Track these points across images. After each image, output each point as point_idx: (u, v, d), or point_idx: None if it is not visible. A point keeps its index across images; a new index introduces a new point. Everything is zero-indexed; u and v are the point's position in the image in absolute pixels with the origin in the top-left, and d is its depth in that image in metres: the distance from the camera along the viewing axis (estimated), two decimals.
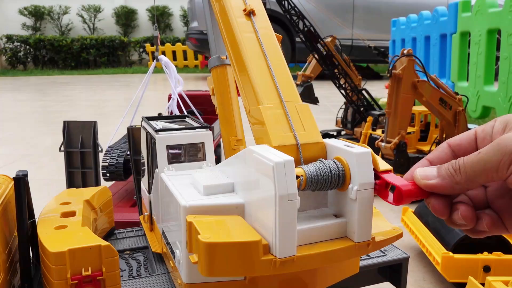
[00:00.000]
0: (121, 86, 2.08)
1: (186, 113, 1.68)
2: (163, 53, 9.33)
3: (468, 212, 0.49)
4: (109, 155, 1.63)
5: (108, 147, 1.70)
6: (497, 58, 3.07)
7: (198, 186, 0.66)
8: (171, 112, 1.89)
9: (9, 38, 11.03)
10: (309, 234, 0.55)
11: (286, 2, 2.64)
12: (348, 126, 2.99)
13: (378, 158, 0.56)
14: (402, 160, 2.21)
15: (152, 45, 9.22)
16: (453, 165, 0.49)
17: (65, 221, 0.81)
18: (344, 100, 2.96)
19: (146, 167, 0.95)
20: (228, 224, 0.56)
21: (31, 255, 0.82)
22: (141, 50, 11.39)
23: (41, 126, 4.07)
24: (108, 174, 1.60)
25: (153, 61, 1.80)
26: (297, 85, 3.14)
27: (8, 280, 0.74)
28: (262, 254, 0.51)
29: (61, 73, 10.04)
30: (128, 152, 1.65)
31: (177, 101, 1.80)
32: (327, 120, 3.86)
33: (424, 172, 0.50)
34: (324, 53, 2.74)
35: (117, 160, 1.61)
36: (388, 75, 2.16)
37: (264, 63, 0.69)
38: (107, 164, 1.60)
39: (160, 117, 0.97)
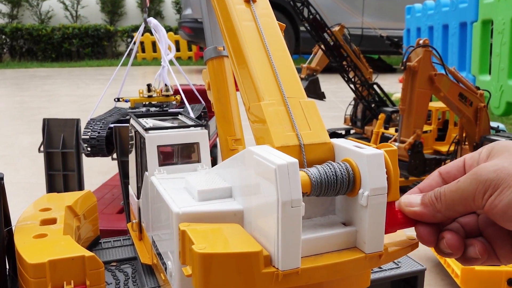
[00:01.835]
0: (107, 80, 2.08)
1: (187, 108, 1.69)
2: (153, 43, 9.34)
3: (453, 240, 0.53)
4: (91, 128, 1.63)
5: (90, 119, 1.70)
6: None
7: (192, 191, 0.66)
8: (164, 87, 1.90)
9: None
10: (315, 244, 0.55)
11: None
12: (358, 124, 2.99)
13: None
14: (417, 162, 2.21)
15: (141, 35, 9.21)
16: (435, 193, 0.53)
17: (45, 229, 0.81)
18: (353, 95, 2.96)
19: (134, 170, 0.95)
20: (225, 233, 0.56)
21: (7, 267, 0.82)
22: (129, 40, 11.40)
23: (18, 124, 4.07)
24: (89, 149, 1.60)
25: (142, 51, 1.81)
26: (302, 79, 3.14)
27: None
28: (263, 267, 0.51)
29: (41, 66, 10.04)
30: (112, 125, 1.66)
31: (168, 70, 1.81)
32: (335, 117, 3.86)
33: (408, 200, 0.55)
34: (332, 43, 2.74)
35: (99, 133, 1.61)
36: (402, 67, 2.16)
37: (265, 54, 0.69)
38: (88, 137, 1.60)
39: (150, 115, 0.97)
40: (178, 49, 9.98)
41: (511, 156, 0.50)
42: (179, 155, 0.84)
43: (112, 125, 1.69)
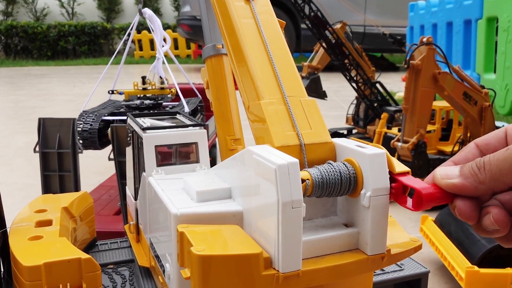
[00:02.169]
0: (104, 79, 2.09)
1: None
2: (151, 41, 9.34)
3: (501, 215, 0.48)
4: (83, 120, 1.64)
5: (83, 111, 1.70)
6: None
7: (190, 192, 0.66)
8: (159, 80, 1.90)
9: None
10: (316, 246, 0.55)
11: None
12: (360, 124, 2.99)
13: (394, 159, 0.56)
14: (421, 162, 2.21)
15: (138, 32, 9.22)
16: (477, 163, 0.49)
17: (40, 231, 0.81)
18: (355, 94, 2.96)
19: (132, 170, 0.95)
20: (225, 234, 0.56)
21: (1, 269, 0.82)
22: (127, 38, 11.39)
23: (13, 123, 4.07)
24: (81, 141, 1.60)
25: (139, 49, 1.82)
26: (303, 78, 3.15)
27: None
28: (263, 269, 0.51)
29: (36, 64, 10.04)
30: (106, 118, 1.67)
31: (163, 61, 1.81)
32: (337, 117, 3.87)
33: (445, 171, 0.50)
34: (333, 41, 2.74)
35: (91, 125, 1.61)
36: (405, 66, 2.16)
37: (265, 52, 0.69)
38: (80, 129, 1.60)
39: (148, 114, 0.97)
40: (176, 47, 9.98)
41: None
42: (177, 155, 0.85)
43: (105, 118, 1.70)
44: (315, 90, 3.15)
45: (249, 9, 0.74)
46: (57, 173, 1.49)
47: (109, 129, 1.62)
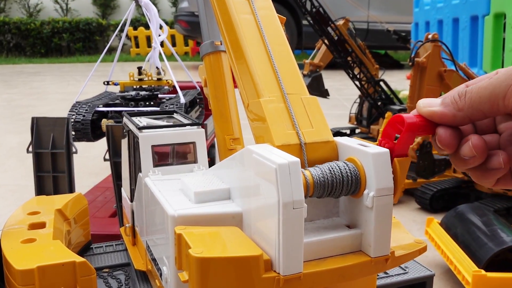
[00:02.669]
0: (99, 77, 2.09)
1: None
2: (147, 38, 9.34)
3: (480, 141, 0.50)
4: (75, 111, 1.64)
5: (76, 102, 1.71)
6: None
7: (188, 193, 0.66)
8: (156, 70, 1.90)
9: None
10: (318, 247, 0.55)
11: None
12: (364, 123, 2.99)
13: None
14: (426, 163, 2.21)
15: (135, 29, 9.21)
16: (459, 91, 0.51)
17: (33, 234, 0.81)
18: (358, 93, 2.96)
19: (128, 171, 0.95)
20: (224, 236, 0.56)
21: None
22: (122, 34, 11.39)
23: (6, 123, 4.07)
24: (73, 133, 1.61)
25: (136, 46, 1.83)
26: (304, 76, 3.15)
27: None
28: (264, 271, 0.51)
29: (29, 62, 10.04)
30: (100, 109, 1.67)
31: (159, 52, 1.81)
32: (339, 116, 3.87)
33: (427, 101, 0.53)
34: (336, 38, 2.74)
35: (84, 116, 1.62)
36: (410, 63, 2.16)
37: (264, 49, 0.69)
38: (72, 120, 1.61)
39: (144, 113, 0.97)
40: (174, 44, 9.97)
41: None
42: (174, 155, 0.85)
43: (99, 109, 1.70)
44: (317, 88, 3.15)
45: (248, 5, 0.74)
46: (51, 174, 1.49)
47: (103, 120, 1.63)
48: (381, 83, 2.85)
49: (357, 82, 2.83)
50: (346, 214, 0.60)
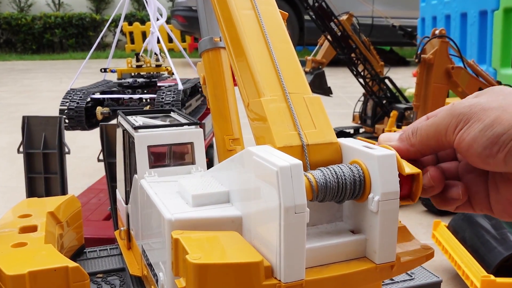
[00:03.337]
0: (93, 74, 2.09)
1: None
2: (143, 33, 9.34)
3: (437, 173, 0.57)
4: (69, 98, 1.64)
5: (70, 89, 1.71)
6: None
7: (186, 196, 0.66)
8: (154, 57, 1.90)
9: None
10: (320, 253, 0.55)
11: None
12: (368, 123, 2.99)
13: (403, 160, 0.56)
14: None
15: (130, 24, 9.21)
16: (412, 129, 0.59)
17: (24, 238, 0.81)
18: (362, 91, 2.96)
19: (123, 172, 0.95)
20: (223, 241, 0.56)
21: None
22: (116, 30, 11.40)
23: None
24: (67, 121, 1.61)
25: (131, 42, 1.83)
26: (306, 73, 3.14)
27: None
28: (264, 278, 0.51)
29: (20, 58, 10.04)
30: (95, 96, 1.68)
31: (158, 38, 1.81)
32: (342, 115, 3.87)
33: (387, 135, 0.61)
34: (339, 33, 2.74)
35: (78, 103, 1.62)
36: (416, 60, 2.16)
37: (265, 46, 0.69)
38: (65, 107, 1.61)
39: (140, 112, 0.97)
40: (170, 40, 9.98)
41: (493, 95, 0.54)
42: (171, 156, 0.85)
43: (94, 96, 1.70)
44: (320, 86, 3.15)
45: (249, 0, 0.74)
46: (43, 175, 1.49)
47: (98, 108, 1.62)
48: (386, 80, 2.85)
49: (361, 80, 2.82)
50: (350, 219, 0.60)
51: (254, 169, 0.55)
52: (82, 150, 2.96)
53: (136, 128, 0.82)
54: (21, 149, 1.48)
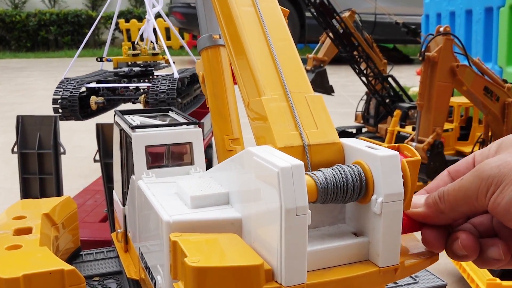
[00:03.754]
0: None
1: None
2: (139, 30, 9.34)
3: (469, 240, 0.54)
4: (63, 87, 1.64)
5: (64, 78, 1.70)
6: None
7: (184, 197, 0.66)
8: (150, 45, 1.90)
9: None
10: (322, 256, 0.55)
11: None
12: (371, 122, 2.99)
13: None
14: (437, 164, 2.21)
15: (127, 21, 9.21)
16: (439, 193, 0.55)
17: (19, 240, 0.81)
18: (365, 89, 2.96)
19: (120, 173, 0.95)
20: (222, 244, 0.56)
21: None
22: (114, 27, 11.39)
23: None
24: (60, 110, 1.61)
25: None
26: (307, 71, 3.15)
27: None
28: (264, 282, 0.51)
29: (14, 56, 10.04)
30: (90, 85, 1.67)
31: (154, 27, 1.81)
32: (345, 114, 3.87)
33: (412, 201, 0.57)
34: (341, 31, 2.74)
35: (71, 92, 1.61)
36: (420, 58, 2.16)
37: (266, 44, 0.69)
38: (59, 97, 1.60)
39: (137, 111, 0.97)
40: (168, 38, 9.97)
41: None
42: (169, 156, 0.85)
43: (89, 85, 1.69)
44: (321, 84, 3.15)
45: None
46: (38, 176, 1.49)
47: (92, 97, 1.62)
48: (389, 79, 2.85)
49: (363, 78, 2.83)
50: (352, 221, 0.60)
51: (255, 170, 0.55)
52: (78, 150, 2.96)
53: (133, 127, 0.82)
54: (15, 149, 1.48)
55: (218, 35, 0.99)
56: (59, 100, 1.60)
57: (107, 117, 1.76)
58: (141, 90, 1.77)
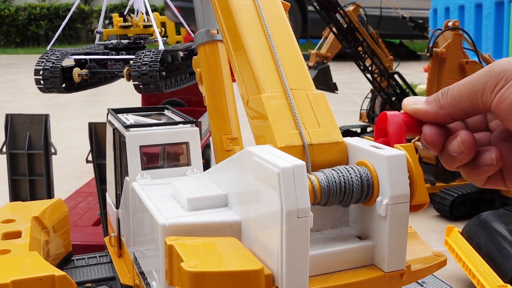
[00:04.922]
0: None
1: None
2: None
3: (469, 137, 0.54)
4: (46, 57, 1.63)
5: (48, 49, 1.70)
6: None
7: (180, 199, 0.66)
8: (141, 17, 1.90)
9: None
10: (325, 261, 0.55)
11: None
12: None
13: None
14: None
15: (120, 15, 9.22)
16: (442, 90, 0.56)
17: (7, 244, 0.81)
18: (370, 87, 2.96)
19: (113, 174, 0.95)
20: (220, 248, 0.56)
21: None
22: (107, 22, 11.41)
23: None
24: (42, 82, 1.60)
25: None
26: (310, 68, 3.15)
27: None
28: (265, 287, 0.51)
29: (3, 52, 10.05)
30: (75, 56, 1.66)
31: None
32: (349, 112, 3.87)
33: (413, 99, 0.58)
34: (345, 25, 2.74)
35: (53, 63, 1.60)
36: (428, 54, 2.16)
37: (266, 39, 0.69)
38: (41, 67, 1.59)
39: (131, 109, 0.97)
40: (179, 33, 9.97)
41: None
42: (165, 157, 0.85)
43: (74, 56, 1.68)
44: (324, 82, 3.15)
45: None
46: (27, 177, 1.49)
47: (75, 69, 1.61)
48: (396, 76, 2.85)
49: (368, 75, 2.82)
50: (356, 223, 0.60)
51: (254, 170, 0.55)
52: (70, 150, 2.96)
53: (127, 126, 0.82)
54: (4, 150, 1.48)
55: (216, 30, 0.99)
56: (41, 72, 1.58)
57: (100, 116, 1.76)
58: (126, 63, 1.76)
